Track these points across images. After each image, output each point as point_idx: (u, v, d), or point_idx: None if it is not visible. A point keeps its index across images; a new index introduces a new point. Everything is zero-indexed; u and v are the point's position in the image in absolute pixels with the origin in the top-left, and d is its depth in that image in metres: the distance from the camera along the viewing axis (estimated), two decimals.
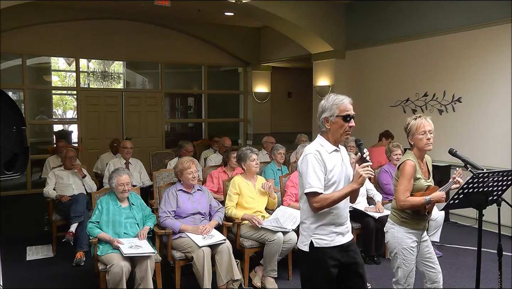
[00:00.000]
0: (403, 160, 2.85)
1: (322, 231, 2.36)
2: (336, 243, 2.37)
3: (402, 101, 7.10)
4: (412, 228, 2.83)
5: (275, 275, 3.97)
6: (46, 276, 4.35)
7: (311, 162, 2.32)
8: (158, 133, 9.88)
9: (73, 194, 5.07)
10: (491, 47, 5.83)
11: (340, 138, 2.39)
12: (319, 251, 2.34)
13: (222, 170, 5.14)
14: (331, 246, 2.36)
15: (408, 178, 2.78)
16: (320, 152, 2.35)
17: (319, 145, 2.39)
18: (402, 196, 2.77)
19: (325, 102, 2.39)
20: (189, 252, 3.66)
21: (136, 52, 9.40)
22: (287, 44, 9.21)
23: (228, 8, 7.84)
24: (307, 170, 2.33)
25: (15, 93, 8.98)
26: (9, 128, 2.12)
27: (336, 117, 2.34)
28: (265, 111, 10.96)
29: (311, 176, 2.30)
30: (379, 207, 4.68)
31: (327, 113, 2.36)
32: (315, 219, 2.36)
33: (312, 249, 2.35)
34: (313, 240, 2.35)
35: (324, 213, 2.34)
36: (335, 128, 2.36)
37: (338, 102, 2.35)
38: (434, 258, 2.94)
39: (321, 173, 2.32)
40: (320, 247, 2.34)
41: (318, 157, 2.33)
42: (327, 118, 2.36)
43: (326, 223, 2.36)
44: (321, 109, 2.40)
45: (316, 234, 2.36)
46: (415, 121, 2.83)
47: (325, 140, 2.41)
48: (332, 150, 2.39)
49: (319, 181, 2.30)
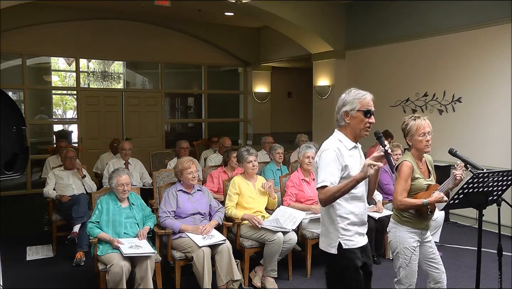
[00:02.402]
0: (400, 161, 2.86)
1: (348, 232, 2.30)
2: (360, 244, 2.35)
3: (402, 101, 7.10)
4: (414, 228, 2.83)
5: (275, 275, 3.97)
6: (46, 276, 4.35)
7: (330, 158, 2.25)
8: (158, 133, 9.87)
9: (73, 194, 5.07)
10: (491, 47, 5.83)
11: (359, 134, 2.31)
12: (349, 252, 2.30)
13: (222, 170, 5.14)
14: (357, 247, 2.33)
15: (405, 178, 2.78)
16: (340, 149, 2.28)
17: (338, 141, 2.32)
18: (399, 197, 2.78)
19: (346, 96, 2.32)
20: (189, 252, 3.66)
21: (136, 52, 9.40)
22: (287, 44, 9.21)
23: (228, 8, 7.84)
24: (323, 165, 2.25)
25: (15, 93, 8.98)
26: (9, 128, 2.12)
27: (357, 112, 2.27)
28: (265, 111, 10.96)
29: (326, 172, 2.23)
30: (379, 207, 4.68)
31: (348, 106, 2.28)
32: (341, 219, 2.30)
33: (341, 251, 2.29)
34: (341, 241, 2.29)
35: (348, 211, 2.29)
36: (355, 123, 2.29)
37: (360, 97, 2.28)
38: (437, 258, 2.94)
39: (337, 171, 2.24)
40: (349, 248, 2.30)
41: (338, 153, 2.26)
42: (348, 112, 2.28)
43: (351, 223, 2.31)
44: (342, 102, 2.32)
45: (344, 235, 2.30)
46: (415, 122, 2.81)
47: (344, 136, 2.33)
48: (351, 146, 2.32)
49: (332, 176, 2.22)
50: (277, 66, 10.89)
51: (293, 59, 9.97)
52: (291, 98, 11.72)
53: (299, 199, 4.45)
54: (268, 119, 11.02)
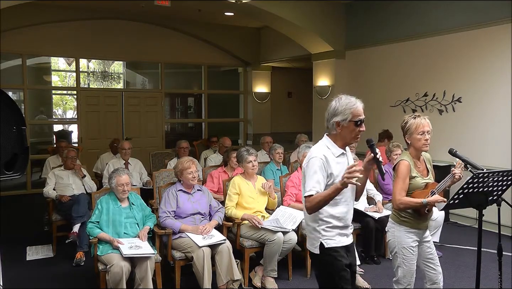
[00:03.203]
0: (398, 160, 2.87)
1: (329, 233, 2.34)
2: (343, 244, 2.37)
3: (402, 101, 7.10)
4: (412, 227, 2.83)
5: (275, 275, 3.97)
6: (46, 276, 4.35)
7: (316, 166, 2.28)
8: (158, 133, 9.88)
9: (73, 194, 5.08)
10: (491, 47, 5.83)
11: (349, 142, 2.34)
12: (331, 251, 2.33)
13: (222, 170, 5.14)
14: (339, 246, 2.35)
15: (402, 177, 2.78)
16: (327, 156, 2.30)
17: (326, 148, 2.34)
18: (398, 196, 2.78)
19: (337, 104, 2.30)
20: (189, 252, 3.66)
21: (136, 52, 9.40)
22: (287, 44, 9.21)
23: (228, 8, 7.84)
24: (309, 174, 2.29)
25: (15, 93, 8.98)
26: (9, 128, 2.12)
27: (349, 122, 2.27)
28: (265, 111, 10.96)
29: (312, 180, 2.26)
30: (379, 207, 4.68)
31: (340, 117, 2.27)
32: (322, 222, 2.34)
33: (323, 250, 2.34)
34: (322, 241, 2.34)
35: (330, 216, 2.33)
36: (346, 133, 2.30)
37: (351, 106, 2.26)
38: (435, 259, 2.94)
39: (323, 179, 2.28)
40: (331, 246, 2.33)
41: (324, 162, 2.28)
42: (339, 122, 2.28)
43: (333, 226, 2.35)
44: (333, 111, 2.30)
45: (324, 236, 2.34)
46: (414, 120, 2.81)
47: (332, 143, 2.35)
48: (339, 154, 2.34)
49: (319, 184, 2.26)
50: (277, 66, 10.89)
51: (293, 59, 9.97)
52: (291, 98, 11.72)
53: (299, 199, 4.44)
54: (268, 119, 11.02)
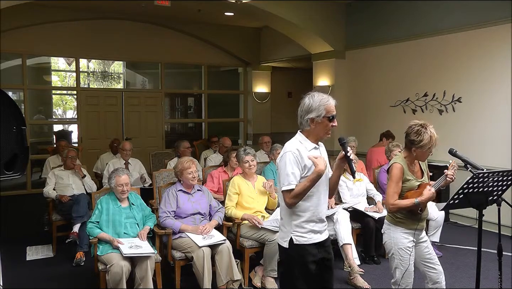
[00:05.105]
0: (391, 163, 2.87)
1: (301, 229, 2.39)
2: (315, 240, 2.41)
3: (402, 101, 7.10)
4: (408, 228, 2.83)
5: (275, 275, 3.95)
6: (46, 276, 4.35)
7: (289, 160, 2.35)
8: (158, 133, 9.87)
9: (73, 194, 5.08)
10: (491, 47, 5.83)
11: (322, 136, 2.42)
12: (298, 248, 2.38)
13: (222, 170, 5.14)
14: (310, 243, 2.39)
15: (395, 180, 2.79)
16: (300, 150, 2.37)
17: (298, 143, 2.41)
18: (391, 199, 2.79)
19: (311, 101, 2.37)
20: (189, 252, 3.66)
21: (136, 52, 9.39)
22: (287, 44, 9.21)
23: (228, 8, 7.84)
24: (285, 168, 2.35)
25: (15, 93, 8.98)
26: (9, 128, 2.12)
27: (323, 118, 2.34)
28: (265, 111, 10.96)
29: (289, 174, 2.33)
30: (379, 207, 4.68)
31: (314, 114, 2.35)
32: (296, 216, 2.39)
33: (292, 246, 2.38)
34: (293, 237, 2.38)
35: (303, 209, 2.37)
36: (319, 128, 2.38)
37: (325, 103, 2.35)
38: (434, 259, 2.93)
39: (298, 171, 2.35)
40: (300, 244, 2.38)
41: (297, 155, 2.35)
42: (313, 119, 2.36)
43: (306, 220, 2.39)
44: (307, 108, 2.37)
45: (296, 232, 2.39)
46: (431, 138, 2.71)
47: (305, 138, 2.42)
48: (311, 148, 2.41)
49: (295, 178, 2.33)
50: (277, 66, 10.89)
51: (293, 59, 9.97)
52: (291, 98, 11.70)
53: None
54: (268, 119, 11.02)
